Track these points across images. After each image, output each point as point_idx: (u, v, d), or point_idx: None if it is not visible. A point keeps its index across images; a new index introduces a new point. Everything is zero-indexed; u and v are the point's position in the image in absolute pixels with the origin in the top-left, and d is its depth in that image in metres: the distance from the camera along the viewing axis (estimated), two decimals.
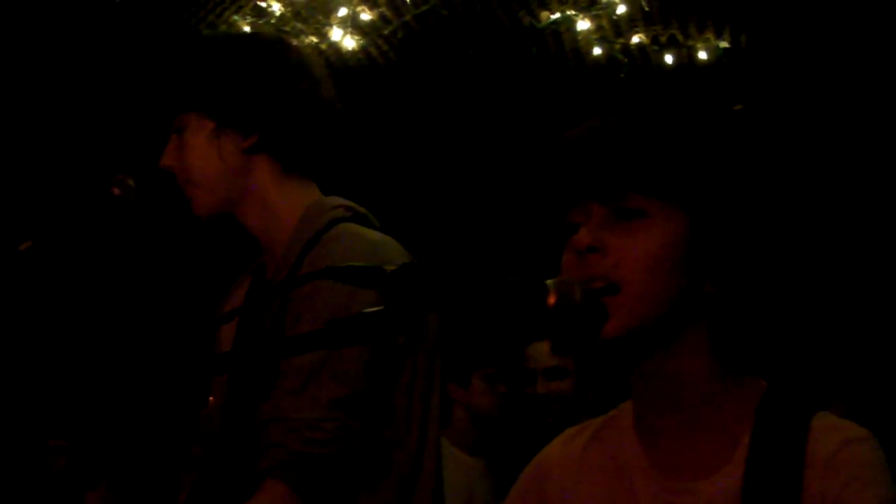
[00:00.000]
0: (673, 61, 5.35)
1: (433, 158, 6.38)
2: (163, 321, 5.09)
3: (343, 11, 4.92)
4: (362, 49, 5.24)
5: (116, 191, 2.10)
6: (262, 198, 2.07)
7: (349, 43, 5.08)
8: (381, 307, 1.22)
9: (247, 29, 5.00)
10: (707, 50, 5.28)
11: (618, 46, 5.26)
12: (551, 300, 1.28)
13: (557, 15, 5.02)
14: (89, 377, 5.03)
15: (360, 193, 2.20)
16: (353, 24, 4.99)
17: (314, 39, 5.16)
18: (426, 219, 6.18)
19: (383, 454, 1.98)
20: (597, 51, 5.26)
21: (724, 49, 5.29)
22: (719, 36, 5.24)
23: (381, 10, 4.98)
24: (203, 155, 2.04)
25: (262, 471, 1.86)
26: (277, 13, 4.97)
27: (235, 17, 5.04)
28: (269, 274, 2.12)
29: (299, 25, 5.07)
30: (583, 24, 5.04)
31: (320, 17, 5.02)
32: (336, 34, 5.03)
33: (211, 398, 2.22)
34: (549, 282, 1.29)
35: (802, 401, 1.36)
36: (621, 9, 4.88)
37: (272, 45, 2.11)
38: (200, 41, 2.13)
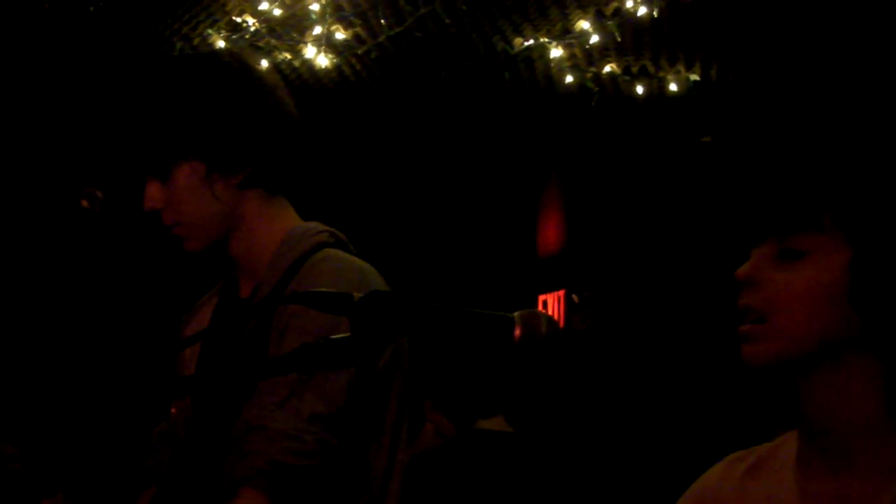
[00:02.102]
0: (643, 92, 5.39)
1: (403, 179, 6.40)
2: (127, 333, 5.06)
3: (318, 30, 4.92)
4: (335, 68, 5.25)
5: (85, 203, 2.09)
6: (250, 226, 2.07)
7: (322, 61, 5.08)
8: (346, 334, 1.22)
9: (221, 43, 5.00)
10: (677, 82, 5.33)
11: (589, 75, 5.30)
12: (517, 333, 1.28)
13: (531, 42, 5.05)
14: (48, 386, 4.99)
15: (333, 216, 2.20)
16: (327, 43, 5.00)
17: (288, 56, 5.17)
18: (396, 239, 6.18)
19: (361, 473, 1.99)
20: (569, 79, 5.29)
21: (695, 82, 5.33)
22: (690, 68, 5.29)
23: (355, 29, 4.99)
24: (198, 198, 2.01)
25: (238, 478, 1.86)
26: (252, 29, 4.96)
27: (210, 31, 5.03)
28: (243, 293, 2.12)
29: (273, 42, 5.07)
30: (556, 52, 5.07)
31: (295, 35, 5.02)
32: (310, 52, 5.04)
33: (173, 409, 2.21)
34: (515, 314, 1.30)
35: None
36: (594, 38, 4.91)
37: (246, 72, 2.09)
38: (177, 79, 2.08)
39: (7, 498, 4.13)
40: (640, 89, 5.38)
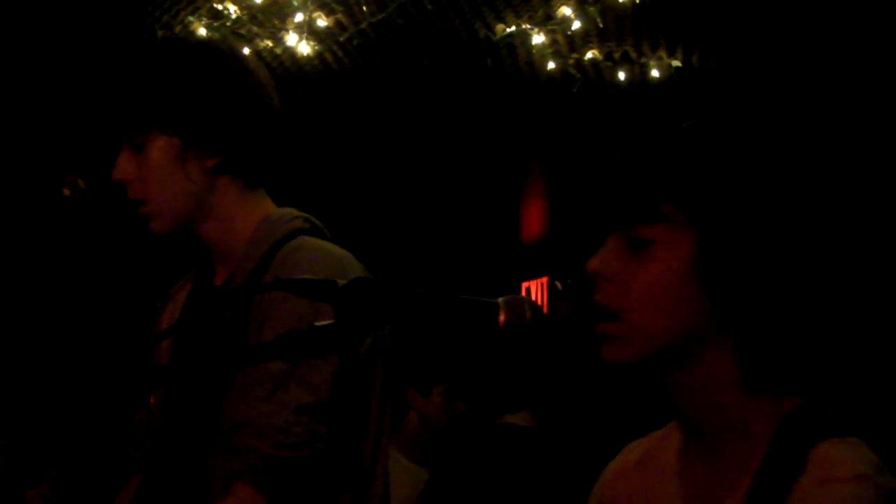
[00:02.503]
0: (625, 78, 5.39)
1: (386, 166, 6.39)
2: (108, 323, 5.04)
3: (299, 17, 4.91)
4: (317, 55, 5.23)
5: (66, 191, 2.07)
6: (224, 214, 2.04)
7: (304, 48, 5.06)
8: (330, 321, 1.22)
9: (202, 31, 4.97)
10: (659, 68, 5.33)
11: (571, 62, 5.29)
12: (502, 318, 1.29)
13: (513, 28, 5.04)
14: (32, 377, 4.98)
15: (310, 202, 2.19)
16: (308, 30, 4.98)
17: (269, 44, 5.15)
18: (378, 227, 6.18)
19: (355, 463, 2.00)
20: (551, 65, 5.28)
21: (677, 68, 5.34)
22: (672, 54, 5.29)
23: (337, 16, 4.97)
24: (169, 174, 1.99)
25: (231, 474, 1.86)
26: (233, 16, 4.94)
27: (191, 19, 5.00)
28: (217, 280, 2.11)
29: (255, 29, 5.05)
30: (538, 39, 5.06)
31: (276, 22, 5.00)
32: (292, 39, 5.02)
33: (152, 399, 2.20)
34: (500, 300, 1.30)
35: (813, 425, 1.31)
36: (576, 24, 4.90)
37: (231, 55, 2.08)
38: (160, 54, 2.07)
39: None
40: (622, 75, 5.38)
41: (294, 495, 1.88)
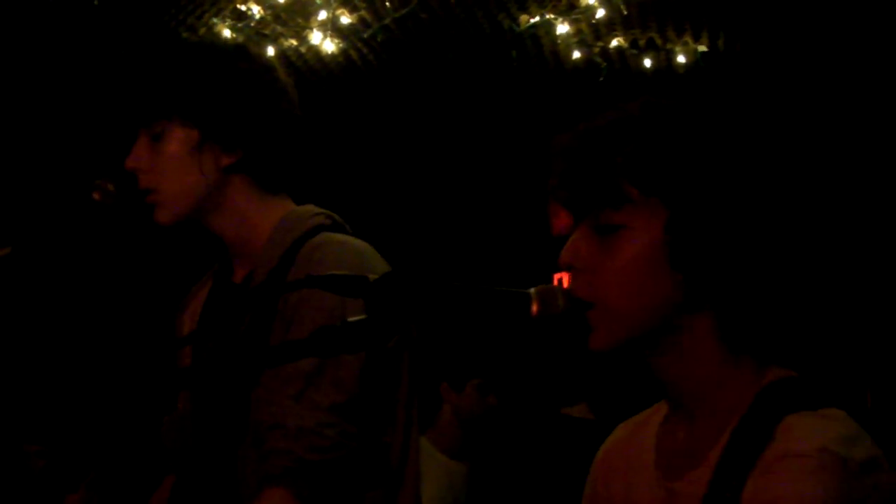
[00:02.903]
0: (651, 65, 5.36)
1: (413, 162, 6.38)
2: (140, 327, 5.06)
3: (323, 15, 4.91)
4: (342, 52, 5.23)
5: (97, 196, 2.07)
6: (238, 212, 2.05)
7: (329, 46, 5.06)
8: (363, 316, 1.22)
9: (227, 32, 4.98)
10: (685, 53, 5.30)
11: (597, 50, 5.27)
12: (534, 308, 1.28)
13: (537, 18, 5.02)
14: (67, 382, 5.00)
15: (336, 199, 2.19)
16: (332, 28, 4.98)
17: (294, 42, 5.15)
18: (406, 223, 6.18)
19: (382, 458, 1.99)
20: (576, 54, 5.26)
21: (702, 53, 5.30)
22: (697, 40, 5.26)
23: (360, 13, 4.97)
24: (183, 166, 2.00)
25: (262, 477, 1.86)
26: (257, 16, 4.95)
27: (215, 20, 5.02)
28: (236, 277, 2.11)
29: (279, 28, 5.05)
30: (562, 28, 5.04)
31: (300, 21, 5.00)
32: (316, 37, 5.02)
33: (179, 402, 2.21)
34: (532, 290, 1.29)
35: (788, 396, 1.30)
36: (600, 13, 4.88)
37: (260, 61, 2.09)
38: (189, 48, 2.08)
39: (33, 495, 4.15)
40: (647, 62, 5.35)
41: (326, 496, 1.87)
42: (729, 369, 1.34)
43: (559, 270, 1.32)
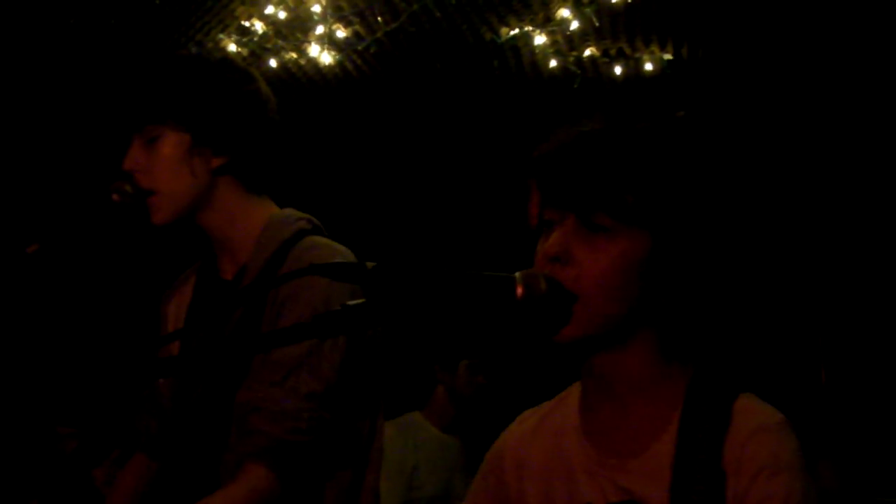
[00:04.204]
0: (622, 72, 5.36)
1: (404, 163, 6.37)
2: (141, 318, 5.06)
3: (320, 29, 4.90)
4: (338, 64, 5.22)
5: (115, 197, 2.06)
6: (226, 211, 2.05)
7: (326, 58, 5.05)
8: (362, 300, 1.21)
9: (232, 46, 4.98)
10: (652, 61, 5.30)
11: (571, 59, 5.27)
12: (519, 292, 1.28)
13: (516, 31, 5.02)
14: (92, 370, 4.99)
15: (343, 200, 2.20)
16: (329, 41, 4.97)
17: (294, 55, 5.14)
18: (402, 219, 6.17)
19: (354, 441, 2.00)
20: (553, 63, 5.26)
21: (668, 60, 5.31)
22: (663, 48, 5.26)
23: (355, 27, 4.96)
24: (176, 168, 2.00)
25: (243, 454, 1.86)
26: (260, 31, 4.94)
27: (221, 36, 5.01)
28: (225, 274, 2.10)
29: (280, 42, 5.04)
30: (539, 39, 5.04)
31: (299, 35, 4.99)
32: (314, 50, 5.01)
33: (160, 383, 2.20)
34: (516, 274, 1.29)
35: (726, 383, 1.36)
36: (574, 24, 4.88)
37: (246, 73, 2.09)
38: (183, 60, 2.07)
39: (66, 473, 4.15)
40: (618, 70, 5.35)
41: (300, 473, 1.88)
42: (662, 368, 1.37)
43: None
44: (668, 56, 5.30)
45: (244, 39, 4.94)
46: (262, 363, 1.90)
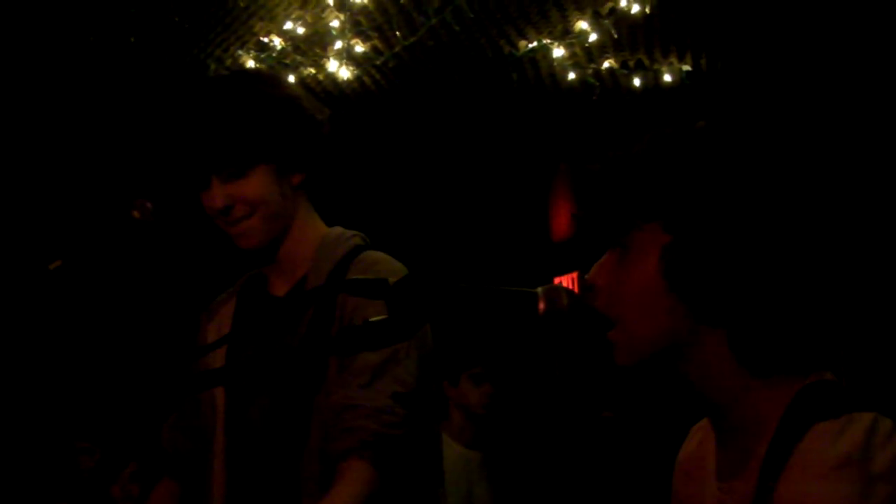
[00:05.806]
0: (640, 84, 5.36)
1: (423, 175, 6.39)
2: (176, 337, 5.08)
3: (338, 44, 4.92)
4: (357, 78, 5.24)
5: (136, 214, 2.08)
6: (297, 226, 2.10)
7: (344, 73, 5.07)
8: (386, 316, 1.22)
9: (251, 63, 5.00)
10: (671, 73, 5.30)
11: (590, 71, 5.27)
12: (541, 307, 1.28)
13: (535, 44, 5.03)
14: (111, 387, 5.02)
15: (365, 212, 2.23)
16: (347, 56, 4.99)
17: (312, 71, 5.16)
18: (421, 231, 6.18)
19: (434, 442, 2.09)
20: (571, 76, 5.26)
21: (687, 71, 5.30)
22: (682, 60, 5.26)
23: (373, 42, 4.98)
24: (272, 195, 2.03)
25: (342, 451, 1.89)
26: (278, 47, 4.96)
27: (240, 52, 5.03)
28: (276, 291, 2.12)
29: (298, 58, 5.06)
30: (558, 52, 5.05)
31: (317, 50, 5.01)
32: (332, 65, 5.03)
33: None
34: (538, 289, 1.29)
35: (812, 405, 1.23)
36: (593, 37, 4.89)
37: (310, 100, 2.14)
38: (251, 91, 2.07)
39: (83, 488, 4.16)
40: (637, 82, 5.35)
41: (399, 467, 1.92)
42: (759, 381, 1.28)
43: (559, 274, 1.32)
44: (686, 67, 5.30)
45: (263, 55, 4.96)
46: (342, 368, 1.95)
